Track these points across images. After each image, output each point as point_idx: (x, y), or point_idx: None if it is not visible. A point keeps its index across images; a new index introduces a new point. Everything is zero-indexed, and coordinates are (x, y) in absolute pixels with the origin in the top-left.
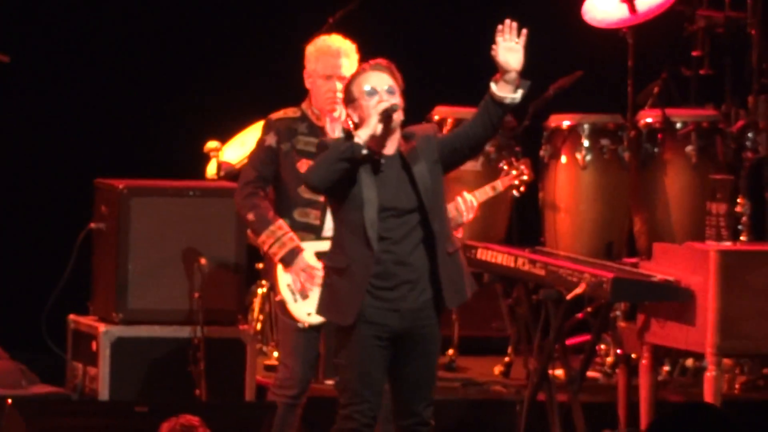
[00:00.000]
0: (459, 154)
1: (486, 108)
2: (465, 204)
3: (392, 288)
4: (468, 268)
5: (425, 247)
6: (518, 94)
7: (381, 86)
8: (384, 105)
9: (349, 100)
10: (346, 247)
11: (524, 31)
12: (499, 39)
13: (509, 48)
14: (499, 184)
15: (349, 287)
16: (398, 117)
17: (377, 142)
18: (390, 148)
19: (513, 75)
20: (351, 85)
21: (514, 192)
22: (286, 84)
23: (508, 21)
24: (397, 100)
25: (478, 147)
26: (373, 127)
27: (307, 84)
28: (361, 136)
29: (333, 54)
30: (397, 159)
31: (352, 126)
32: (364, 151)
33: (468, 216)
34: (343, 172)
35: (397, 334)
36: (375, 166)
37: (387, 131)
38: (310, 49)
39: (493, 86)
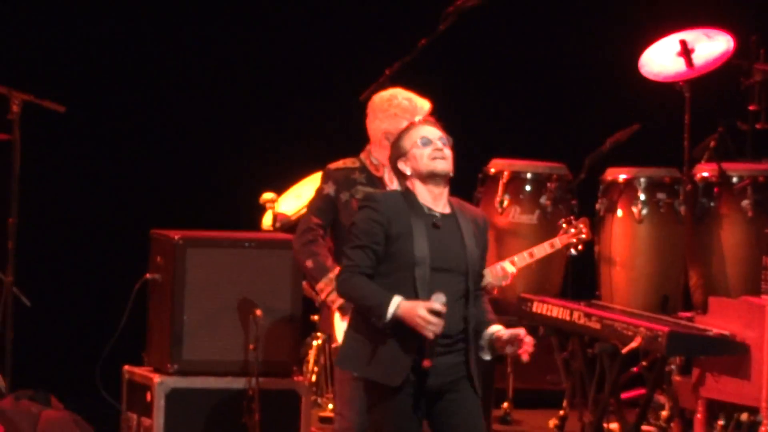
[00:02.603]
0: None
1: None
2: (505, 273)
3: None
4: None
5: (462, 308)
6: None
7: (433, 137)
8: (435, 330)
9: (400, 154)
10: None
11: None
12: (508, 349)
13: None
14: (558, 242)
15: (397, 347)
16: (448, 166)
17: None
18: (440, 205)
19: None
20: (401, 140)
21: (572, 250)
22: (342, 136)
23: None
24: (449, 153)
25: None
26: (410, 324)
27: (376, 137)
28: (397, 311)
29: (410, 113)
30: (454, 218)
31: (397, 178)
32: (386, 324)
33: (506, 282)
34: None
35: (432, 389)
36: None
37: (442, 193)
38: (384, 105)
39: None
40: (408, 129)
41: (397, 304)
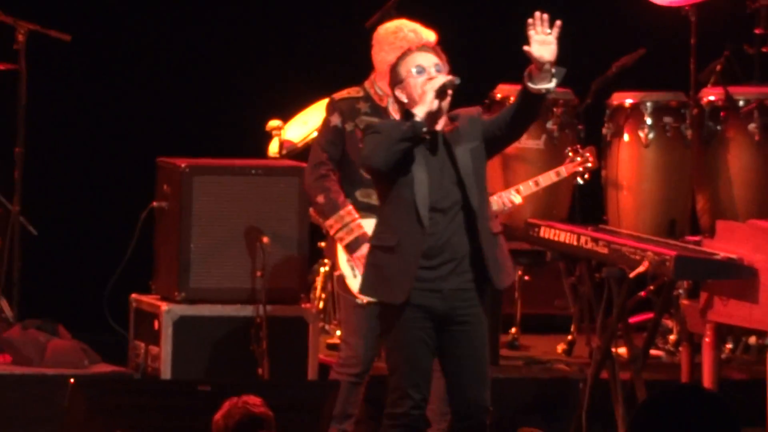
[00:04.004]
0: (499, 140)
1: (523, 100)
2: (512, 203)
3: (435, 267)
4: (508, 253)
5: (467, 229)
6: (553, 84)
7: (428, 64)
8: (441, 80)
9: (396, 81)
10: (394, 225)
11: (558, 22)
12: (531, 33)
13: (542, 41)
14: (564, 171)
15: (398, 264)
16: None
17: (431, 119)
18: (439, 125)
19: (548, 67)
20: (398, 66)
21: (578, 179)
22: (348, 62)
23: (538, 14)
24: (444, 78)
25: (518, 134)
26: (429, 103)
27: (381, 69)
28: (419, 114)
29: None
30: (440, 139)
31: (397, 106)
32: (425, 129)
33: (508, 209)
34: (404, 152)
35: (440, 316)
36: (432, 144)
37: (440, 108)
38: (389, 38)
39: (528, 79)
40: (404, 55)
41: (411, 111)
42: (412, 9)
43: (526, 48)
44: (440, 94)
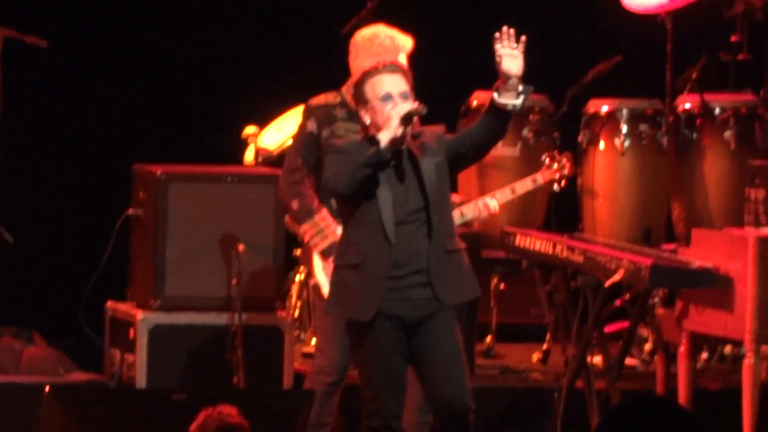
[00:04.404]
0: (464, 158)
1: (489, 116)
2: (488, 210)
3: (402, 277)
4: (471, 271)
5: (429, 240)
6: (519, 101)
7: (395, 91)
8: (406, 108)
9: (362, 100)
10: (360, 243)
11: (523, 38)
12: (497, 47)
13: (509, 55)
14: (540, 177)
15: (365, 282)
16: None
17: (394, 144)
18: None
19: (514, 81)
20: (364, 86)
21: (555, 186)
22: (324, 69)
23: (505, 28)
24: (410, 105)
25: (483, 152)
26: (393, 129)
27: (358, 75)
28: (383, 140)
29: (391, 52)
30: (405, 154)
31: (360, 126)
32: (389, 155)
33: (485, 216)
34: (366, 177)
35: (411, 324)
36: (396, 162)
37: (405, 133)
38: (366, 44)
39: (495, 95)
40: (371, 75)
41: (376, 137)
42: (389, 14)
43: (498, 56)
44: (405, 120)
